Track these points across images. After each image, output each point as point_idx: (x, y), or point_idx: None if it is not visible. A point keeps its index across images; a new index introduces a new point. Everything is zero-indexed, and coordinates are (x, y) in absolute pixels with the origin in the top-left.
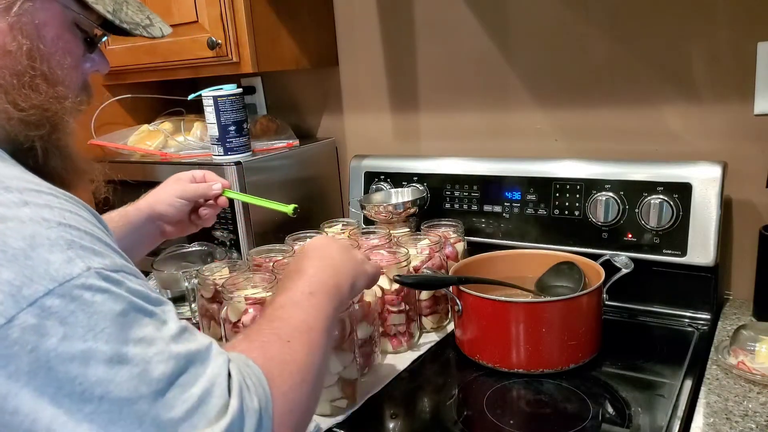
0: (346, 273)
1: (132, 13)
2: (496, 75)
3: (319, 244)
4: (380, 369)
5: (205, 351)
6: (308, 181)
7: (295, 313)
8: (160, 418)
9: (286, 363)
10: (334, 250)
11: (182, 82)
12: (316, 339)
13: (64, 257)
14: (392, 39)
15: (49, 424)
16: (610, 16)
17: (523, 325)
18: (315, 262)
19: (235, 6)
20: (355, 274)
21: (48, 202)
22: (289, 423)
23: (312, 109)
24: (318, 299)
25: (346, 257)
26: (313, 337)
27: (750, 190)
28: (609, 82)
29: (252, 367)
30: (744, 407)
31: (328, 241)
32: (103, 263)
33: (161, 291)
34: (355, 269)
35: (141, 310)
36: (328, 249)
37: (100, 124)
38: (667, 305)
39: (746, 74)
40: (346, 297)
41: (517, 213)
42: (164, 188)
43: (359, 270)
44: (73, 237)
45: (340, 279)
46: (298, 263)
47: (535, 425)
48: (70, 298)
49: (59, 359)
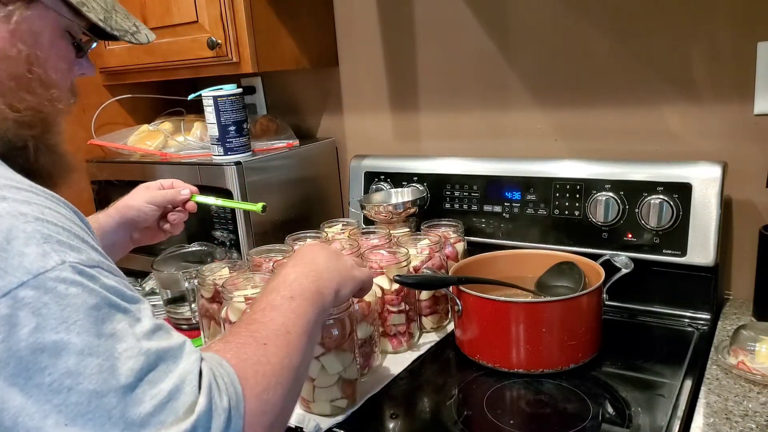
0: (330, 279)
1: (120, 20)
2: (496, 75)
3: (306, 250)
4: (380, 369)
5: (177, 349)
6: (308, 181)
7: (274, 316)
8: (128, 412)
9: (261, 364)
10: (319, 256)
11: (182, 82)
12: (295, 342)
13: (40, 251)
14: (392, 39)
15: (17, 413)
16: (610, 16)
17: (523, 325)
18: (298, 268)
19: (235, 6)
20: (340, 280)
21: (27, 199)
22: (263, 424)
23: (312, 109)
24: (298, 303)
25: (332, 263)
26: (291, 340)
27: (750, 190)
28: (609, 82)
29: (225, 367)
30: (744, 407)
31: (316, 248)
32: (79, 258)
33: (161, 291)
34: (341, 275)
35: (114, 306)
36: (313, 255)
37: (100, 124)
38: (667, 305)
39: (746, 74)
40: (329, 303)
41: (517, 213)
42: (133, 195)
43: (346, 276)
44: (50, 232)
45: (322, 284)
46: (281, 269)
47: (535, 425)
48: (44, 290)
49: (30, 349)
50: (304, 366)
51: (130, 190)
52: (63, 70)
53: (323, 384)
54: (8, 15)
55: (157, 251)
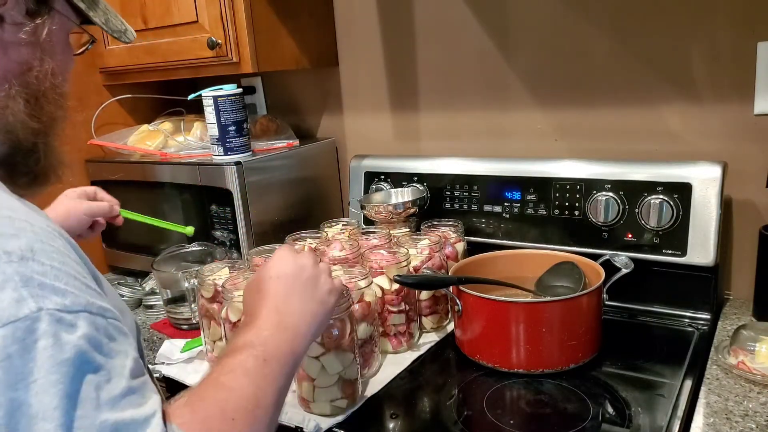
0: (307, 332)
1: (114, 21)
2: (496, 75)
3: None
4: (380, 369)
5: (140, 423)
6: (308, 181)
7: (245, 383)
8: None
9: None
10: (296, 295)
11: (182, 82)
12: (261, 417)
13: (15, 296)
14: (392, 39)
15: None
16: (610, 16)
17: (523, 325)
18: (271, 319)
19: (235, 6)
20: (317, 328)
21: (17, 232)
22: None
23: (312, 109)
24: (271, 369)
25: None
26: (258, 414)
27: (750, 190)
28: (609, 82)
29: None
30: (744, 407)
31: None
32: (61, 303)
33: (161, 291)
34: (318, 313)
35: (86, 363)
36: (290, 293)
37: (100, 124)
38: (667, 305)
39: (746, 74)
40: (300, 359)
41: (517, 213)
42: (68, 204)
43: (322, 310)
44: (33, 273)
45: (297, 344)
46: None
47: (535, 425)
48: (12, 340)
49: None
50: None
51: (129, 190)
52: (68, 75)
53: (323, 384)
54: (35, 29)
55: (157, 251)
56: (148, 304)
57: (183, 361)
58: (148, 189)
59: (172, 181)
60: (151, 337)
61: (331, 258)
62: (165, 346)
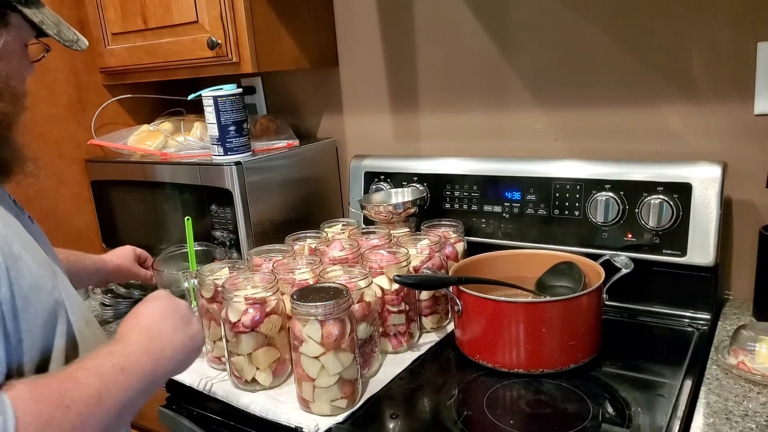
0: (172, 358)
1: (65, 31)
2: (496, 75)
3: (159, 312)
4: (380, 369)
5: None
6: (308, 181)
7: (93, 382)
8: None
9: (50, 426)
10: (169, 325)
11: (182, 82)
12: (98, 416)
13: None
14: (392, 39)
15: None
16: (610, 16)
17: (523, 325)
18: (141, 340)
19: (235, 6)
20: (183, 358)
21: None
22: None
23: (312, 109)
24: (125, 378)
25: (179, 335)
26: (96, 413)
27: (750, 190)
28: (609, 82)
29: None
30: (744, 407)
31: (166, 313)
32: None
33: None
34: (185, 351)
35: None
36: (161, 326)
37: (100, 124)
38: (667, 305)
39: (746, 74)
40: (160, 381)
41: (517, 213)
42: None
43: (191, 345)
44: None
45: (160, 365)
46: (128, 330)
47: (535, 425)
48: None
49: None
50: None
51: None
52: (24, 78)
53: (323, 384)
54: None
55: (157, 251)
56: None
57: None
58: (148, 189)
59: (172, 181)
60: None
61: (331, 258)
62: None
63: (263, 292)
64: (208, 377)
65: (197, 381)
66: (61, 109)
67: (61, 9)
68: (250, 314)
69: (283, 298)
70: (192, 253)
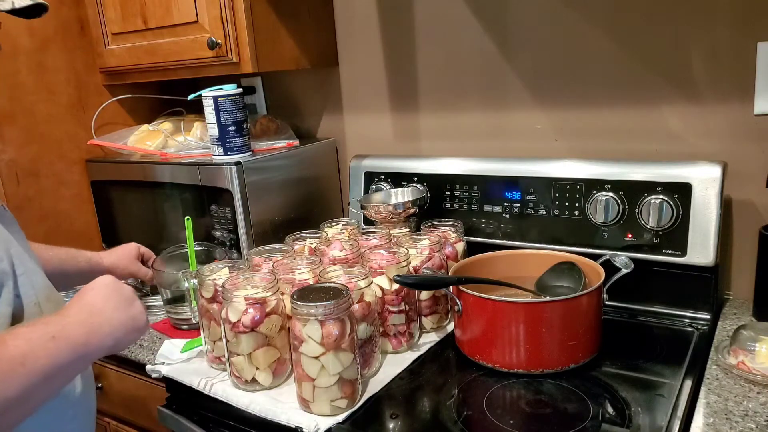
0: (109, 334)
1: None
2: (496, 75)
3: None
4: (380, 369)
5: None
6: (308, 181)
7: (20, 344)
8: None
9: None
10: (111, 304)
11: (182, 82)
12: (21, 375)
13: None
14: (392, 39)
15: None
16: (610, 16)
17: (523, 325)
18: (80, 315)
19: (235, 6)
20: (121, 335)
21: None
22: None
23: (312, 109)
24: (56, 345)
25: (119, 314)
26: (18, 371)
27: (750, 190)
28: (609, 82)
29: None
30: (744, 407)
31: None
32: None
33: (161, 291)
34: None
35: None
36: (103, 303)
37: (100, 124)
38: (667, 305)
39: (746, 74)
40: (94, 354)
41: (517, 213)
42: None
43: (131, 328)
44: None
45: (94, 338)
46: (70, 305)
47: (535, 425)
48: None
49: None
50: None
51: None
52: None
53: (323, 384)
54: None
55: (157, 251)
56: (148, 304)
57: (183, 361)
58: (148, 189)
59: (172, 181)
60: (151, 337)
61: (331, 258)
62: (165, 346)
63: (263, 292)
64: (208, 377)
65: (197, 381)
66: (61, 109)
67: (61, 9)
68: (250, 314)
69: (283, 298)
70: (192, 253)
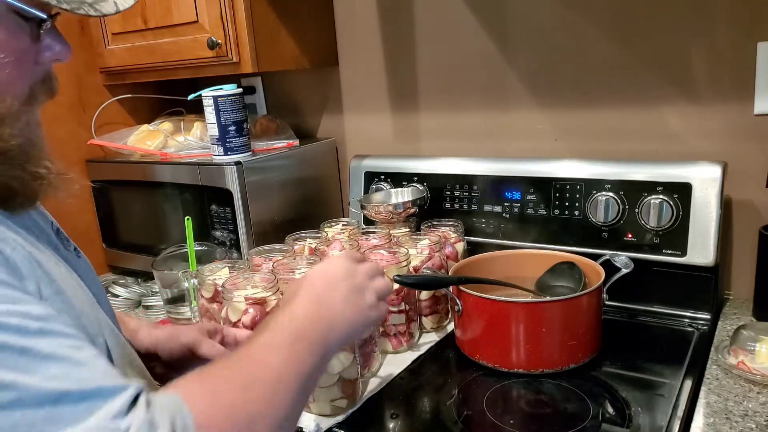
0: (341, 330)
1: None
2: (496, 75)
3: (322, 280)
4: (380, 369)
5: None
6: (308, 181)
7: (269, 357)
8: None
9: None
10: (337, 294)
11: (182, 82)
12: (283, 394)
13: None
14: (392, 39)
15: None
16: (610, 16)
17: (523, 325)
18: (311, 309)
19: (235, 6)
20: (352, 330)
21: None
22: None
23: (312, 109)
24: (300, 348)
25: (349, 306)
26: (279, 389)
27: (750, 190)
28: (609, 82)
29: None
30: (744, 407)
31: (335, 278)
32: None
33: (161, 291)
34: (355, 321)
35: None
36: (330, 291)
37: (100, 124)
38: (667, 305)
39: (746, 74)
40: (331, 354)
41: (517, 213)
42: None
43: (361, 320)
44: None
45: (331, 337)
46: (294, 296)
47: (535, 425)
48: None
49: None
50: (287, 420)
51: (129, 190)
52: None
53: (323, 384)
54: None
55: (157, 251)
56: (148, 304)
57: None
58: (148, 189)
59: (172, 181)
60: None
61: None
62: None
63: (263, 292)
64: None
65: None
66: (61, 109)
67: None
68: (250, 314)
69: (283, 298)
70: (192, 253)
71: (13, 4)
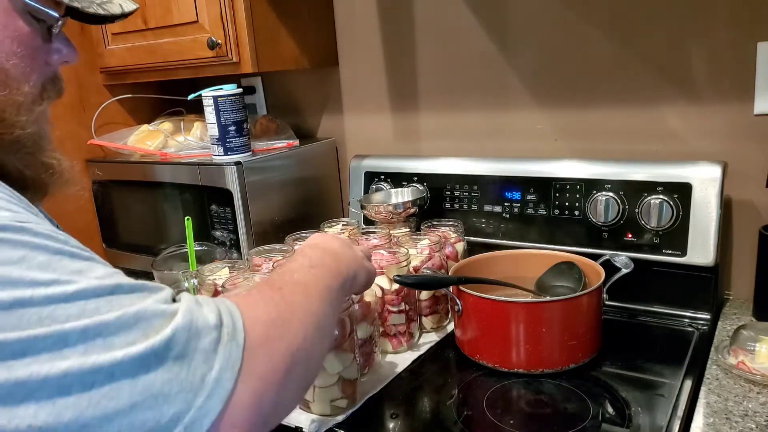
0: (347, 262)
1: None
2: (496, 75)
3: (320, 239)
4: (380, 369)
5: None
6: (308, 181)
7: (292, 273)
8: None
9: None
10: (335, 243)
11: (182, 82)
12: (313, 294)
13: None
14: (392, 39)
15: None
16: (610, 16)
17: (523, 325)
18: (316, 251)
19: (235, 6)
20: (356, 266)
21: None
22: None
23: (312, 109)
24: (318, 271)
25: (347, 250)
26: (309, 291)
27: (750, 190)
28: (609, 82)
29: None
30: (744, 407)
31: (329, 236)
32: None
33: None
34: (356, 262)
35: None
36: (329, 242)
37: (100, 124)
38: (667, 305)
39: (746, 74)
40: (348, 282)
41: (517, 213)
42: None
43: (360, 264)
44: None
45: (341, 265)
46: (298, 252)
47: (535, 425)
48: None
49: None
50: (324, 317)
51: (129, 190)
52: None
53: (323, 384)
54: None
55: (157, 251)
56: None
57: None
58: (148, 189)
59: (172, 181)
60: None
61: None
62: None
63: None
64: None
65: None
66: (61, 109)
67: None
68: None
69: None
70: (192, 253)
71: (29, 3)
